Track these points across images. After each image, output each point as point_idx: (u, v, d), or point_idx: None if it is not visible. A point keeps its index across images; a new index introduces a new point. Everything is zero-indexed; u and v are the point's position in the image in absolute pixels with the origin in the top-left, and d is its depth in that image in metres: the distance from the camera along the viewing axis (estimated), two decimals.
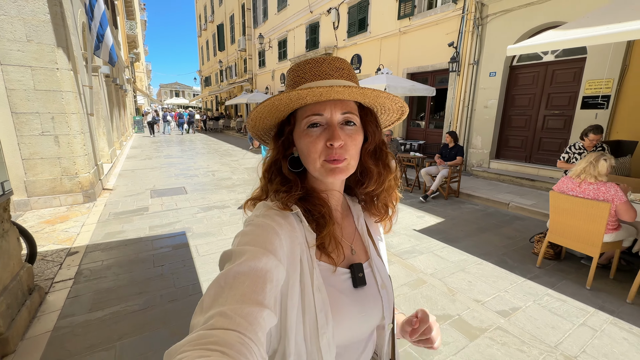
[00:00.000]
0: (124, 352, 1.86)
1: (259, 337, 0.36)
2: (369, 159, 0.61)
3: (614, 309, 2.37)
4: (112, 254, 3.15)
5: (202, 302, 0.39)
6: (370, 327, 0.60)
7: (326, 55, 0.58)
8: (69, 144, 4.50)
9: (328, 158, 0.54)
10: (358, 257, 0.62)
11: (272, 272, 0.44)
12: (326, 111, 0.54)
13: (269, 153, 0.62)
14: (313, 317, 0.50)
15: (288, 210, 0.55)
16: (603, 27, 2.94)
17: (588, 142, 3.50)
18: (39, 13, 4.04)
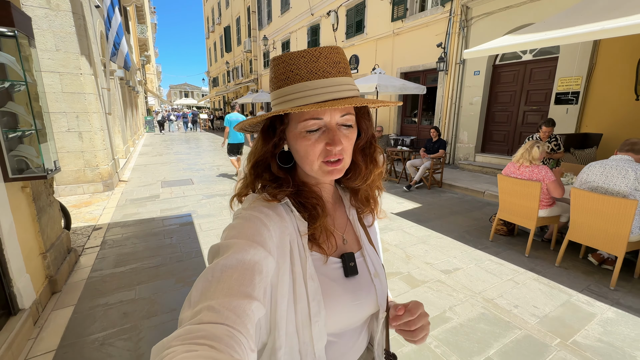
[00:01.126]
0: (141, 292, 2.44)
1: (247, 330, 0.36)
2: (358, 155, 0.61)
3: (541, 270, 2.84)
4: (130, 229, 3.75)
5: (189, 297, 0.39)
6: (363, 316, 0.60)
7: (321, 47, 0.54)
8: (90, 140, 5.15)
9: (326, 159, 0.53)
10: (350, 246, 0.62)
11: (261, 264, 0.44)
12: (326, 115, 0.52)
13: (255, 146, 0.60)
14: (305, 306, 0.50)
15: (276, 201, 0.55)
16: (554, 32, 3.39)
17: (542, 133, 3.95)
18: (65, 26, 4.68)
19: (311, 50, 0.52)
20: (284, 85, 0.53)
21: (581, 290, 2.51)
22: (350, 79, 0.55)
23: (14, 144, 2.01)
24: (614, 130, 4.96)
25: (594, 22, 3.07)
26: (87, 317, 2.15)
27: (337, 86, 0.52)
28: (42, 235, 2.35)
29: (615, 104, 4.95)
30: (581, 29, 3.12)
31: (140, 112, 18.48)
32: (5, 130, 1.91)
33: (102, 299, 2.35)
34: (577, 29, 3.18)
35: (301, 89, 0.52)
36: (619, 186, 2.49)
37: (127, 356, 1.81)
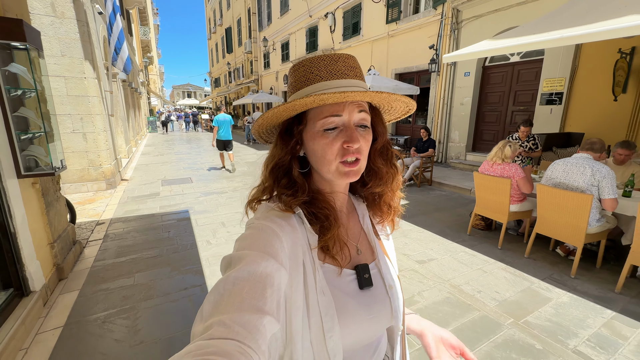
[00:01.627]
0: (139, 278, 2.68)
1: (259, 345, 0.36)
2: (378, 159, 0.61)
3: (511, 260, 3.05)
4: (131, 224, 4.01)
5: (201, 311, 0.39)
6: (378, 330, 0.58)
7: (336, 53, 0.57)
8: (94, 140, 5.41)
9: (344, 159, 0.53)
10: (364, 257, 0.61)
11: (273, 276, 0.44)
12: (345, 111, 0.52)
13: (273, 151, 0.59)
14: (318, 321, 0.50)
15: (290, 212, 0.55)
16: (530, 37, 3.58)
17: (521, 133, 4.15)
18: (70, 33, 4.95)
19: (330, 54, 0.55)
20: (304, 86, 0.55)
21: (543, 279, 2.72)
22: (364, 83, 0.57)
23: (25, 144, 2.26)
24: (595, 130, 5.14)
25: (570, 27, 3.26)
26: (90, 299, 2.40)
27: (355, 87, 0.54)
28: (50, 227, 2.60)
29: (596, 104, 5.12)
30: (556, 34, 3.32)
31: (142, 113, 18.81)
32: (18, 132, 2.16)
33: (104, 285, 2.60)
34: (552, 34, 3.38)
35: (321, 87, 0.53)
36: (577, 182, 2.69)
37: (126, 332, 2.05)
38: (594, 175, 2.61)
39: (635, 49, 4.69)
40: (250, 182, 0.65)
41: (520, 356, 1.85)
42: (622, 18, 2.81)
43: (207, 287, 2.57)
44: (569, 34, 3.13)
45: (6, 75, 2.09)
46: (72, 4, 4.84)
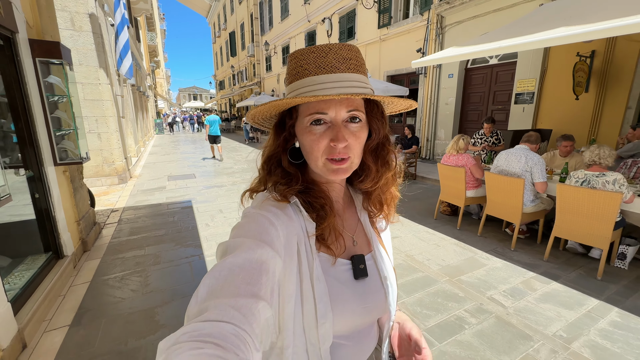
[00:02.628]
0: (149, 250, 3.25)
1: (253, 329, 0.37)
2: (369, 156, 0.59)
3: (465, 238, 3.55)
4: (141, 211, 4.59)
5: (197, 294, 0.39)
6: (371, 319, 0.59)
7: (332, 44, 0.53)
8: (108, 140, 6.04)
9: (330, 157, 0.52)
10: (360, 248, 0.62)
11: (268, 263, 0.44)
12: (330, 110, 0.52)
13: (268, 142, 0.61)
14: (312, 307, 0.51)
15: (286, 202, 0.55)
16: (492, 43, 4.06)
17: (485, 129, 4.64)
18: (87, 44, 5.57)
19: (322, 45, 0.53)
20: (295, 80, 0.54)
21: (487, 251, 3.22)
22: (362, 76, 0.54)
23: (59, 139, 2.84)
24: (561, 126, 5.59)
25: (530, 34, 3.72)
26: (110, 264, 2.98)
27: (345, 82, 0.51)
28: (77, 207, 3.18)
29: (563, 102, 5.57)
30: (515, 40, 3.77)
31: (150, 115, 19.58)
32: (54, 130, 2.74)
33: (120, 255, 3.18)
34: (512, 40, 3.84)
35: (308, 83, 0.52)
36: (515, 168, 3.19)
37: (139, 285, 2.61)
38: (527, 162, 3.10)
39: (595, 52, 5.13)
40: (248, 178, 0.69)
41: (445, 300, 2.36)
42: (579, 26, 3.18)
43: (204, 256, 3.13)
44: (523, 40, 3.57)
45: (46, 85, 2.67)
46: (89, 18, 5.47)
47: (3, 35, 2.22)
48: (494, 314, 2.21)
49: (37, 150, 2.56)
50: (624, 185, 2.64)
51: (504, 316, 2.18)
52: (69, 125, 2.92)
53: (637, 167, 3.37)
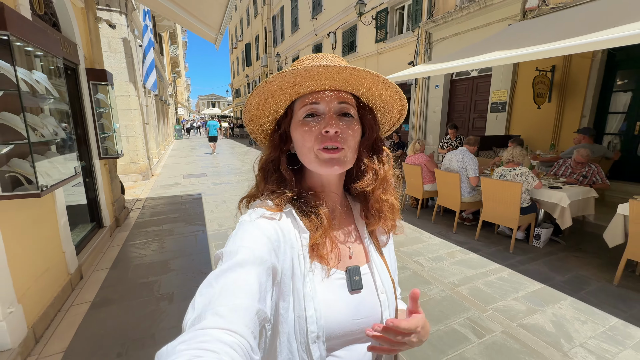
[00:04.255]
0: (165, 227, 4.19)
1: (250, 336, 0.37)
2: (365, 153, 0.60)
3: (419, 224, 4.28)
4: (160, 201, 5.58)
5: (193, 303, 0.39)
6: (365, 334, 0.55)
7: (324, 53, 0.61)
8: (134, 142, 7.13)
9: (322, 146, 0.53)
10: (357, 259, 0.60)
11: (262, 273, 0.44)
12: (323, 101, 0.55)
13: (264, 149, 0.62)
14: (303, 320, 0.50)
15: (280, 210, 0.55)
16: (457, 61, 4.82)
17: (450, 134, 5.36)
18: (120, 63, 6.71)
19: (315, 54, 0.59)
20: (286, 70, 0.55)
21: (432, 233, 3.94)
22: None
23: (102, 140, 3.82)
24: (528, 132, 6.21)
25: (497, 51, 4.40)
26: (136, 235, 3.92)
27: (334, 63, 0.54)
28: (112, 192, 4.16)
29: (530, 111, 6.18)
30: (477, 58, 4.48)
31: (170, 122, 21.10)
32: (100, 132, 3.72)
33: (144, 229, 4.12)
34: (474, 59, 4.57)
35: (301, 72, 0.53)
36: (454, 165, 3.93)
37: (157, 247, 3.52)
38: (463, 161, 3.83)
39: (555, 66, 5.76)
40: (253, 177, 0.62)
41: None
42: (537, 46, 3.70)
43: (206, 231, 4.02)
44: (486, 58, 4.23)
45: (95, 100, 3.66)
46: (122, 42, 6.61)
47: (71, 67, 3.22)
48: (412, 270, 2.97)
49: (89, 147, 3.55)
50: (530, 176, 3.36)
51: (419, 271, 2.94)
52: (110, 129, 3.91)
53: (565, 167, 4.03)
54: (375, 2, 10.30)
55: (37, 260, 2.19)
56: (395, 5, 9.87)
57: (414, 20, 8.88)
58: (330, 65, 0.50)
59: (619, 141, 5.34)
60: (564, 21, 4.56)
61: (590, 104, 5.41)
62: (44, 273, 2.25)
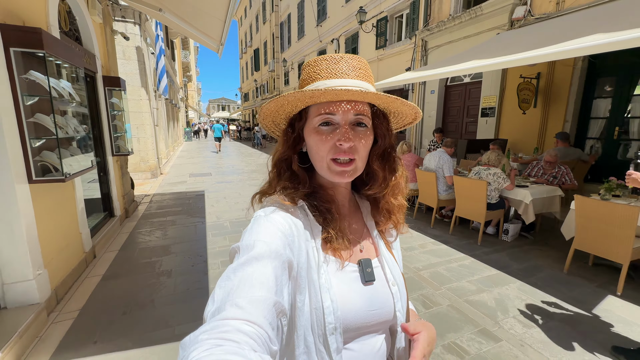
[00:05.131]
0: (169, 218, 4.63)
1: (269, 327, 0.38)
2: (376, 161, 0.61)
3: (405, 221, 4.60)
4: (166, 196, 6.05)
5: (213, 296, 0.41)
6: (378, 325, 0.58)
7: (344, 54, 0.57)
8: (145, 143, 7.66)
9: (335, 156, 0.54)
10: (367, 253, 0.62)
11: (278, 266, 0.46)
12: (339, 112, 0.54)
13: (277, 147, 0.63)
14: (320, 311, 0.51)
15: (293, 205, 0.57)
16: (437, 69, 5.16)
17: (437, 138, 5.68)
18: (133, 69, 7.26)
19: (333, 55, 0.57)
20: (306, 85, 0.58)
21: (411, 228, 4.27)
22: (370, 84, 0.58)
23: (115, 139, 4.29)
24: (515, 136, 6.47)
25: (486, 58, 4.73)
26: (143, 224, 4.36)
27: (354, 87, 0.54)
28: (123, 187, 4.63)
29: (517, 116, 6.45)
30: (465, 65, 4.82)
31: (180, 125, 21.85)
32: (113, 133, 4.19)
33: (150, 220, 4.57)
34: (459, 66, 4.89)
35: (319, 85, 0.55)
36: (432, 165, 4.26)
37: (161, 235, 3.95)
38: (439, 161, 4.16)
39: (540, 74, 6.03)
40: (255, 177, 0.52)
41: None
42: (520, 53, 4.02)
43: (205, 222, 4.43)
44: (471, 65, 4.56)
45: (109, 104, 4.14)
46: (135, 50, 7.17)
47: (90, 76, 3.71)
48: None
49: (103, 145, 4.02)
50: (501, 177, 3.67)
51: None
52: (122, 129, 4.39)
53: (537, 168, 4.32)
54: (375, 10, 10.72)
55: (60, 237, 2.63)
56: (395, 14, 10.25)
57: (411, 29, 9.24)
58: (352, 89, 0.51)
59: (600, 145, 5.56)
60: (547, 30, 4.85)
61: (573, 109, 5.66)
62: (65, 248, 2.69)
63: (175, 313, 2.33)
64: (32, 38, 2.09)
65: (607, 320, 2.26)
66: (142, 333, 2.10)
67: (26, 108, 2.13)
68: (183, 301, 2.49)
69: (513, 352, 1.95)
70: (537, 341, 2.04)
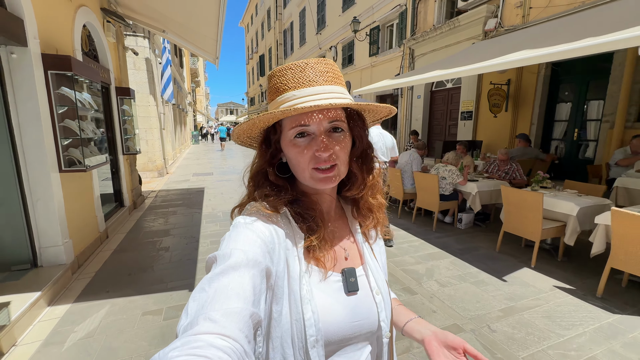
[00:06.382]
0: (171, 209, 5.32)
1: (244, 340, 0.37)
2: (354, 163, 0.61)
3: None
4: (170, 192, 6.76)
5: (186, 309, 0.39)
6: (362, 336, 0.57)
7: (309, 59, 0.57)
8: (152, 145, 8.42)
9: (317, 166, 0.54)
10: (352, 261, 0.61)
11: (256, 275, 0.44)
12: (312, 122, 0.53)
13: (254, 160, 0.61)
14: (300, 323, 0.50)
15: (276, 213, 0.56)
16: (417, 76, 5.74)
17: (413, 139, 6.24)
18: (142, 78, 8.04)
19: (298, 62, 0.56)
20: (275, 97, 0.57)
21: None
22: (340, 87, 0.57)
23: (125, 140, 5.00)
24: (490, 138, 6.98)
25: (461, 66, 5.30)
26: (149, 214, 5.05)
27: (324, 94, 0.54)
28: (132, 182, 5.34)
29: (490, 120, 6.96)
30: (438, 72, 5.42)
31: (187, 128, 22.81)
32: (124, 135, 4.90)
33: (155, 210, 5.26)
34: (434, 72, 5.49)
35: (288, 97, 0.54)
36: (402, 162, 4.84)
37: (162, 222, 4.62)
38: (409, 159, 4.75)
39: (510, 80, 6.55)
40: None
41: None
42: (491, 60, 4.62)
43: (202, 212, 5.10)
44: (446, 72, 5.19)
45: (121, 110, 4.86)
46: (145, 62, 7.96)
47: (105, 87, 4.43)
48: None
49: (115, 145, 4.73)
50: (455, 173, 4.24)
51: None
52: (132, 132, 5.11)
53: (493, 165, 4.86)
54: (369, 20, 11.36)
55: (80, 217, 3.31)
56: (386, 24, 10.87)
57: (400, 38, 9.83)
58: (321, 103, 0.51)
59: (563, 146, 6.04)
60: (514, 40, 5.40)
61: (538, 113, 6.16)
62: (84, 227, 3.37)
63: (169, 274, 2.97)
64: (64, 62, 2.78)
65: (510, 282, 2.81)
66: (143, 286, 2.75)
67: (58, 115, 2.82)
68: (176, 267, 3.13)
69: (423, 302, 2.52)
70: (445, 295, 2.61)
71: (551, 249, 3.49)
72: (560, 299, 2.55)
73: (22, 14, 2.47)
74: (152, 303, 2.50)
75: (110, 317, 2.31)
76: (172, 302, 2.50)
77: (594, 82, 5.45)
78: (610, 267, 2.56)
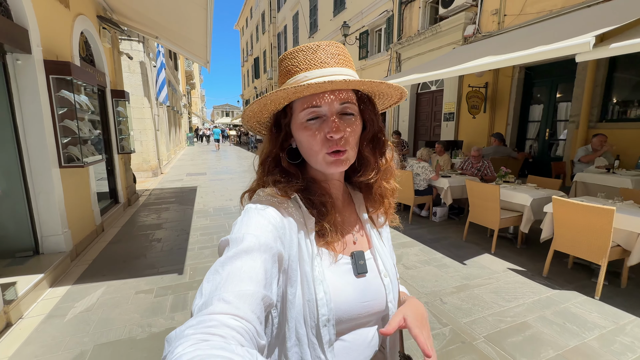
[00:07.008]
0: (165, 206, 5.58)
1: (257, 321, 0.38)
2: (366, 147, 0.61)
3: None
4: (165, 191, 7.02)
5: (201, 289, 0.41)
6: (370, 317, 0.59)
7: (320, 42, 0.57)
8: (147, 145, 8.66)
9: (329, 150, 0.54)
10: (360, 245, 0.62)
11: (268, 259, 0.46)
12: (324, 103, 0.53)
13: (264, 145, 0.62)
14: (313, 304, 0.51)
15: (287, 197, 0.56)
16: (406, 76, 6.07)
17: (394, 138, 6.57)
18: (137, 81, 8.30)
19: (310, 44, 0.56)
20: (286, 79, 0.57)
21: None
22: (350, 70, 0.57)
23: (121, 140, 5.26)
24: (470, 138, 7.33)
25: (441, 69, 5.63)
26: (142, 210, 5.31)
27: (336, 75, 0.53)
28: (126, 180, 5.60)
29: (469, 121, 7.32)
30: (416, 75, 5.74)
31: (182, 130, 23.01)
32: (119, 135, 5.16)
33: (148, 207, 5.52)
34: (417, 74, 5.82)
35: (300, 79, 0.54)
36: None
37: (155, 217, 4.88)
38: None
39: (488, 83, 6.91)
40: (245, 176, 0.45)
41: None
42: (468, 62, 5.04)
43: (193, 209, 5.36)
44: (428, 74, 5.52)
45: (116, 111, 5.12)
46: (139, 65, 8.22)
47: (101, 90, 4.70)
48: None
49: (110, 145, 4.99)
50: (428, 170, 4.56)
51: None
52: (126, 132, 5.37)
53: (467, 162, 5.19)
54: (358, 25, 11.73)
55: (78, 210, 3.57)
56: (374, 28, 11.25)
57: (387, 42, 10.20)
58: (335, 79, 0.51)
59: (537, 145, 6.41)
60: (490, 45, 5.76)
61: (513, 114, 6.52)
62: (81, 219, 3.63)
63: (159, 261, 3.25)
64: (64, 68, 3.06)
65: (469, 266, 3.13)
66: (136, 271, 3.02)
67: (58, 116, 3.09)
68: (167, 255, 3.40)
69: None
70: (408, 276, 2.91)
71: (512, 237, 3.82)
72: (510, 279, 2.87)
73: (27, 24, 2.75)
74: (144, 284, 2.77)
75: (106, 295, 2.59)
76: (162, 284, 2.78)
77: (562, 84, 5.83)
78: (554, 250, 2.89)
